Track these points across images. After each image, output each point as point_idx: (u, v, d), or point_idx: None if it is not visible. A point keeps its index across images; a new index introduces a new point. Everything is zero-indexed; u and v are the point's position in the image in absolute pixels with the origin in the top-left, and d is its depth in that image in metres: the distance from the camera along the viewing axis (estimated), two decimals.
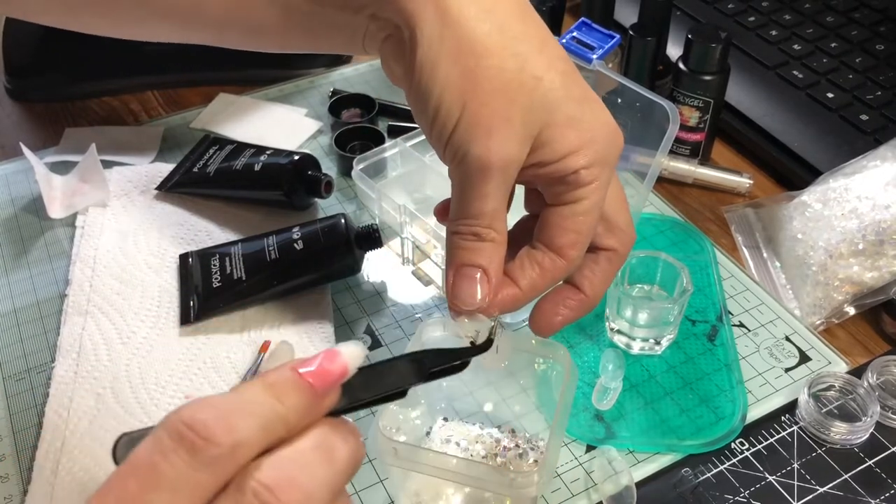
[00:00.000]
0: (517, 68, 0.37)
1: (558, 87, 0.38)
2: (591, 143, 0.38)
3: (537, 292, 0.41)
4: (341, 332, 0.57)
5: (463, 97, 0.37)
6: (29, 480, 0.48)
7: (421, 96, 0.38)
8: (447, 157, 0.39)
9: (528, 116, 0.37)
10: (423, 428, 0.50)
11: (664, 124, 0.55)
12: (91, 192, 0.66)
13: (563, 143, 0.38)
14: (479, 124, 0.37)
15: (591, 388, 0.52)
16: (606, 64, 0.60)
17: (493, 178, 0.38)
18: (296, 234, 0.59)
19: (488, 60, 0.37)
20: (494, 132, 0.37)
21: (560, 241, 0.40)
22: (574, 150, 0.38)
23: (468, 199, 0.39)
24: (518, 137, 0.37)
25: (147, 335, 0.56)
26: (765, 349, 0.55)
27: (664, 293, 0.56)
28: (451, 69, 0.37)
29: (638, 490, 0.47)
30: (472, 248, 0.39)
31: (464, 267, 0.39)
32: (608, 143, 0.39)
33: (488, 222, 0.39)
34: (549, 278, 0.40)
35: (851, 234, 0.56)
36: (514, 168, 0.38)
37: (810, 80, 0.73)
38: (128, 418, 0.51)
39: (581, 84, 0.39)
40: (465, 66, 0.37)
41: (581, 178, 0.38)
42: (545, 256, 0.40)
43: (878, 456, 0.49)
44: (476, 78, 0.37)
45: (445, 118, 0.37)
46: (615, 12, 0.79)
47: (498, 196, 0.38)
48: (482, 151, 0.37)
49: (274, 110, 0.77)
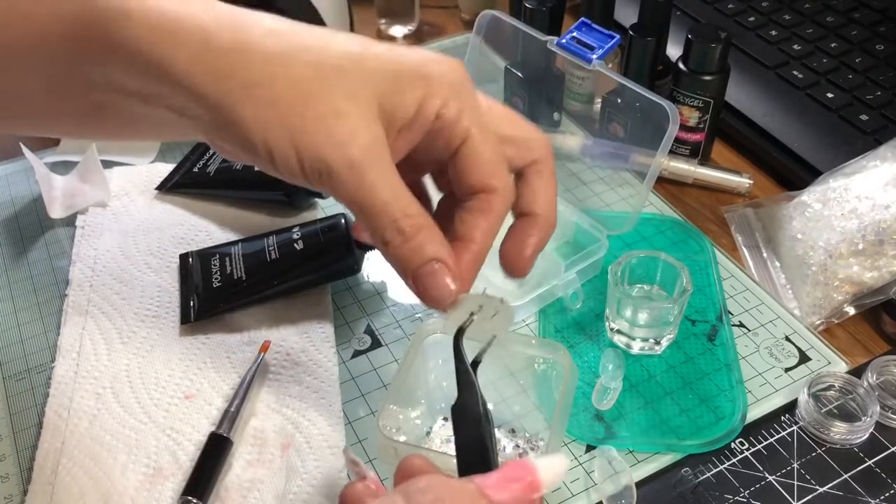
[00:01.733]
0: (314, 72, 0.36)
1: (367, 58, 0.36)
2: (430, 84, 0.37)
3: (491, 236, 0.40)
4: (341, 331, 0.57)
5: (282, 125, 0.35)
6: (29, 480, 0.48)
7: (252, 153, 0.36)
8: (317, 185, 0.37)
9: (353, 100, 0.36)
10: (423, 428, 0.50)
11: (664, 124, 0.55)
12: (91, 192, 0.66)
13: (406, 99, 0.37)
14: (314, 135, 0.35)
15: (591, 388, 0.52)
16: (606, 64, 0.60)
17: (367, 168, 0.36)
18: (296, 234, 0.59)
19: (280, 82, 0.35)
20: (333, 130, 0.35)
21: (478, 179, 0.38)
22: (420, 98, 0.37)
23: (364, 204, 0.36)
24: (359, 122, 0.36)
25: (147, 335, 0.56)
26: (765, 349, 0.55)
27: (664, 293, 0.56)
28: (255, 111, 0.35)
29: (638, 490, 0.47)
30: (410, 248, 0.37)
31: (417, 269, 0.38)
32: (446, 75, 0.38)
33: (400, 210, 0.37)
34: (493, 217, 0.39)
35: (851, 234, 0.56)
36: (380, 148, 0.36)
37: (810, 80, 0.73)
38: (128, 418, 0.51)
39: (382, 45, 0.38)
40: (262, 100, 0.35)
41: (445, 118, 0.37)
42: (477, 200, 0.39)
43: (877, 456, 0.49)
44: (281, 102, 0.35)
45: (284, 155, 0.36)
46: (615, 12, 0.79)
47: (385, 180, 0.36)
48: (336, 152, 0.35)
49: None
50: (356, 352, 0.56)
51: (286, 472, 0.48)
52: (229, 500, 0.47)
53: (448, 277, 0.38)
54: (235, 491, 0.47)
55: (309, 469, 0.48)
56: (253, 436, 0.50)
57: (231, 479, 0.48)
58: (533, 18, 0.71)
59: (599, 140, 0.70)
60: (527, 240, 0.41)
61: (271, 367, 0.54)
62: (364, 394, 0.53)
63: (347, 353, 0.56)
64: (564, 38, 0.61)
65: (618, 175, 0.69)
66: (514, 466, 0.30)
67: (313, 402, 0.52)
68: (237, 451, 0.49)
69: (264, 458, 0.49)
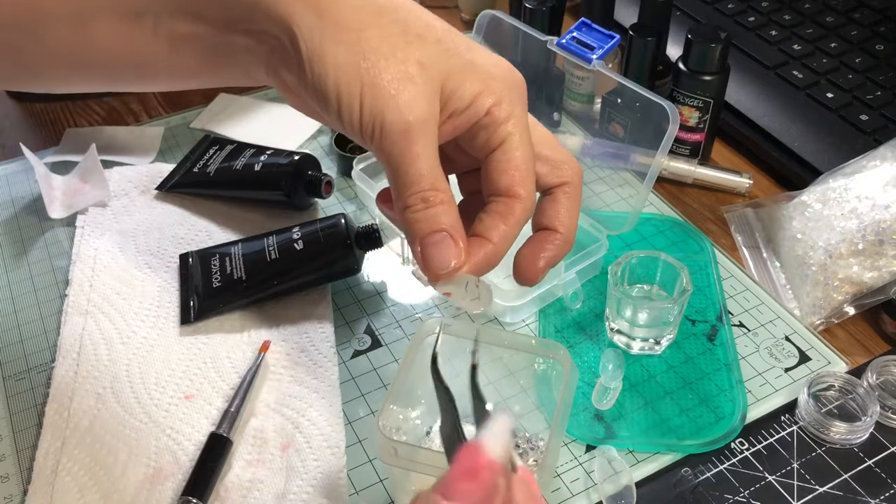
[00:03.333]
0: (400, 31, 0.38)
1: (444, 39, 0.39)
2: (491, 82, 0.39)
3: (509, 240, 0.41)
4: (341, 331, 0.57)
5: (358, 73, 0.37)
6: (29, 480, 0.48)
7: (319, 90, 0.38)
8: (366, 138, 0.39)
9: (426, 72, 0.38)
10: (423, 428, 0.50)
11: (664, 124, 0.55)
12: (91, 192, 0.66)
13: (466, 88, 0.39)
14: (383, 92, 0.37)
15: (591, 388, 0.52)
16: (606, 64, 0.60)
17: (418, 138, 0.38)
18: (296, 234, 0.59)
19: (370, 31, 0.37)
20: (401, 93, 0.37)
21: (505, 183, 0.40)
22: (479, 92, 0.39)
23: (403, 167, 0.38)
24: (424, 93, 0.38)
25: (147, 335, 0.56)
26: (764, 349, 0.55)
27: (664, 293, 0.56)
28: (338, 51, 0.37)
29: (638, 490, 0.47)
30: (427, 215, 0.39)
31: (427, 236, 0.39)
32: (508, 79, 0.40)
33: (430, 183, 0.39)
34: (513, 221, 0.40)
35: (851, 234, 0.56)
36: (433, 123, 0.38)
37: (810, 80, 0.73)
38: (128, 418, 0.51)
39: (460, 35, 0.40)
40: (349, 43, 0.37)
41: (495, 116, 0.39)
42: (499, 203, 0.40)
43: (877, 456, 0.49)
44: (363, 51, 0.37)
45: (349, 99, 0.38)
46: (615, 12, 0.79)
47: (428, 155, 0.38)
48: (397, 115, 0.37)
49: (274, 110, 0.77)
50: (356, 352, 0.56)
51: (286, 472, 0.48)
52: (229, 500, 0.47)
53: (452, 251, 0.39)
54: (235, 491, 0.47)
55: (309, 469, 0.48)
56: (253, 436, 0.50)
57: (231, 479, 0.48)
58: (533, 18, 0.71)
59: (599, 140, 0.70)
60: (543, 252, 0.42)
61: (271, 367, 0.54)
62: (364, 394, 0.53)
63: (347, 353, 0.56)
64: (564, 38, 0.61)
65: (618, 175, 0.69)
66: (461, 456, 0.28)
67: (313, 402, 0.52)
68: (237, 451, 0.49)
69: (264, 458, 0.49)
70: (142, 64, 0.43)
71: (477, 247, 0.40)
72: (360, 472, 0.49)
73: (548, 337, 0.56)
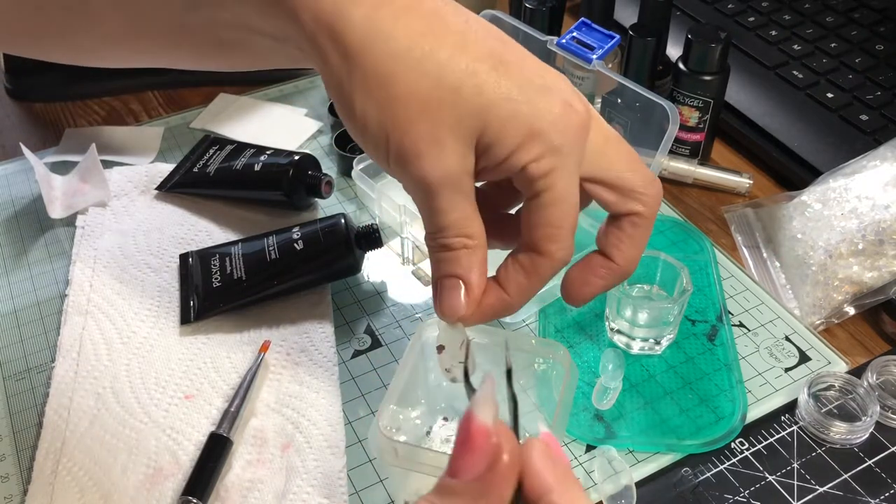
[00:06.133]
0: (433, 85, 0.35)
1: (487, 86, 0.36)
2: (535, 135, 0.36)
3: (527, 295, 0.40)
4: (341, 331, 0.57)
5: (384, 129, 0.36)
6: (29, 480, 0.48)
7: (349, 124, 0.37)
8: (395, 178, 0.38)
9: (457, 130, 0.36)
10: (423, 428, 0.50)
11: (664, 124, 0.55)
12: (91, 192, 0.66)
13: (504, 142, 0.36)
14: (407, 152, 0.36)
15: (591, 387, 0.52)
16: (606, 64, 0.60)
17: (440, 195, 0.37)
18: (296, 234, 0.59)
19: (398, 88, 0.35)
20: (424, 156, 0.36)
21: (535, 238, 0.38)
22: (517, 146, 0.36)
23: (427, 216, 0.38)
24: (453, 153, 0.36)
25: (147, 335, 0.56)
26: (765, 349, 0.55)
27: (664, 293, 0.56)
28: (365, 103, 0.36)
29: (638, 490, 0.47)
30: (447, 259, 0.38)
31: (442, 279, 0.39)
32: (558, 128, 0.36)
33: (455, 233, 0.38)
34: (536, 278, 0.39)
35: (851, 234, 0.56)
36: (462, 178, 0.37)
37: (810, 80, 0.73)
38: (128, 418, 0.51)
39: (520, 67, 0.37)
40: (377, 98, 0.36)
41: (531, 172, 0.37)
42: (525, 256, 0.39)
43: (877, 456, 0.49)
44: (391, 108, 0.35)
45: (374, 147, 0.37)
46: (615, 12, 0.79)
47: (455, 206, 0.37)
48: (418, 175, 0.36)
49: (274, 110, 0.77)
50: (356, 352, 0.56)
51: (286, 472, 0.48)
52: (229, 500, 0.47)
53: (464, 300, 0.39)
54: (235, 491, 0.47)
55: (309, 469, 0.48)
56: (253, 436, 0.50)
57: (231, 479, 0.48)
58: (533, 18, 0.71)
59: None
60: (594, 278, 0.41)
61: (271, 367, 0.54)
62: (364, 394, 0.53)
63: (347, 353, 0.56)
64: (564, 38, 0.61)
65: None
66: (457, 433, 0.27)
67: (313, 402, 0.52)
68: (237, 451, 0.49)
69: (264, 458, 0.49)
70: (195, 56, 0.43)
71: (492, 293, 0.39)
72: (360, 472, 0.49)
73: (548, 337, 0.56)
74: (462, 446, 0.27)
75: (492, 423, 0.27)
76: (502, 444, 0.26)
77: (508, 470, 0.27)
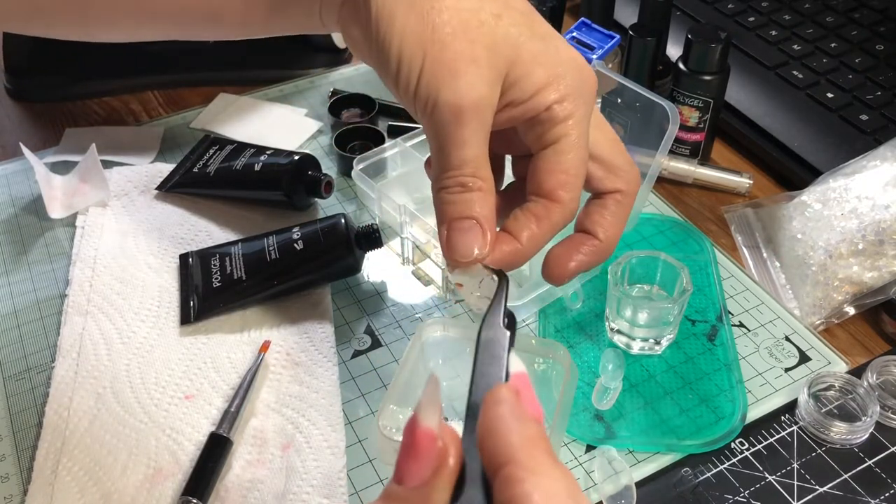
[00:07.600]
0: (475, 8, 0.36)
1: (520, 23, 0.37)
2: (559, 78, 0.37)
3: (538, 243, 0.40)
4: (341, 331, 0.57)
5: (423, 44, 0.36)
6: (29, 480, 0.48)
7: (381, 51, 0.37)
8: (418, 110, 0.38)
9: (492, 56, 0.36)
10: None
11: (664, 124, 0.55)
12: (91, 192, 0.66)
13: (531, 79, 0.37)
14: (444, 68, 0.36)
15: (591, 388, 0.52)
16: (606, 64, 0.60)
17: (468, 122, 0.36)
18: (296, 234, 0.59)
19: (444, 2, 0.36)
20: (461, 74, 0.36)
21: (549, 185, 0.38)
22: (543, 85, 0.37)
23: (447, 149, 0.37)
24: (486, 77, 0.36)
25: (147, 335, 0.56)
26: (764, 349, 0.55)
27: (664, 293, 0.56)
28: (408, 17, 0.36)
29: (638, 490, 0.47)
30: (461, 200, 0.38)
31: (456, 220, 0.38)
32: (578, 77, 0.38)
33: (472, 170, 0.37)
34: (547, 226, 0.39)
35: (851, 234, 0.56)
36: (488, 110, 0.37)
37: (810, 80, 0.73)
38: (128, 418, 0.51)
39: (542, 22, 0.39)
40: (420, 11, 0.36)
41: (555, 113, 0.37)
42: (537, 204, 0.39)
43: (877, 456, 0.49)
44: (433, 22, 0.36)
45: (409, 68, 0.36)
46: (615, 12, 0.79)
47: (477, 141, 0.37)
48: (452, 95, 0.36)
49: (274, 110, 0.77)
50: (356, 352, 0.56)
51: (286, 472, 0.48)
52: (229, 500, 0.47)
53: (477, 241, 0.38)
54: (235, 491, 0.47)
55: (309, 469, 0.48)
56: (253, 436, 0.50)
57: (231, 479, 0.48)
58: None
59: None
60: (577, 254, 0.41)
61: (271, 367, 0.54)
62: (364, 394, 0.53)
63: (347, 353, 0.56)
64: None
65: None
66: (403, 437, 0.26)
67: (313, 402, 0.52)
68: (237, 451, 0.49)
69: (264, 458, 0.49)
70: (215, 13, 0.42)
71: (503, 243, 0.39)
72: (360, 472, 0.49)
73: (548, 337, 0.56)
74: (406, 451, 0.26)
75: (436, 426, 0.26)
76: (448, 448, 0.26)
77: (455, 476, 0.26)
